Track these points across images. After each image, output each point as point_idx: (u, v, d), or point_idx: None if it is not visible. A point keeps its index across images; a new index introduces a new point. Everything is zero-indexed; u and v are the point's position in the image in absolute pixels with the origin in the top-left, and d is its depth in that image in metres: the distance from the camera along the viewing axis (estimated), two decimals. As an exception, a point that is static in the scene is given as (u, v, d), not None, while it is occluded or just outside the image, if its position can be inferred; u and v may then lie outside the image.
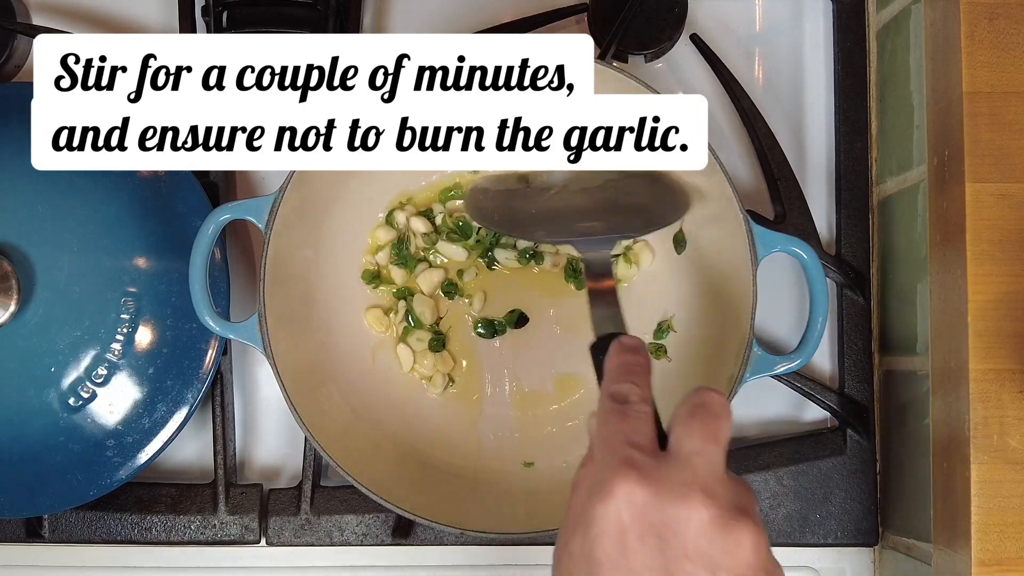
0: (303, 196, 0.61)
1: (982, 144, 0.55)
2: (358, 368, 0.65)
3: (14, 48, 0.68)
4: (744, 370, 0.58)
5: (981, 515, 0.53)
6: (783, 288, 0.68)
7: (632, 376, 0.44)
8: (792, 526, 0.65)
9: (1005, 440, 0.53)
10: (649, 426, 0.43)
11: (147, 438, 0.62)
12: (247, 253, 0.69)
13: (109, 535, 0.65)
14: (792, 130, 0.69)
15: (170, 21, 0.68)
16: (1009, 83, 0.55)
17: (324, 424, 0.60)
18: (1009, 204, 0.54)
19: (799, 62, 0.70)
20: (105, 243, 0.62)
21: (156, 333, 0.62)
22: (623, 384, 0.44)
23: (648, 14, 0.67)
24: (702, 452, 0.41)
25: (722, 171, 0.59)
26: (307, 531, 0.65)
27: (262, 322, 0.58)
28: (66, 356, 0.61)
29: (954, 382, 0.55)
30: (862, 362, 0.66)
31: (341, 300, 0.65)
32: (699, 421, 0.42)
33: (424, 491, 0.61)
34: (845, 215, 0.67)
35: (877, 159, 0.68)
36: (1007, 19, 0.55)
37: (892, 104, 0.66)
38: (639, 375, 0.45)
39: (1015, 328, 0.54)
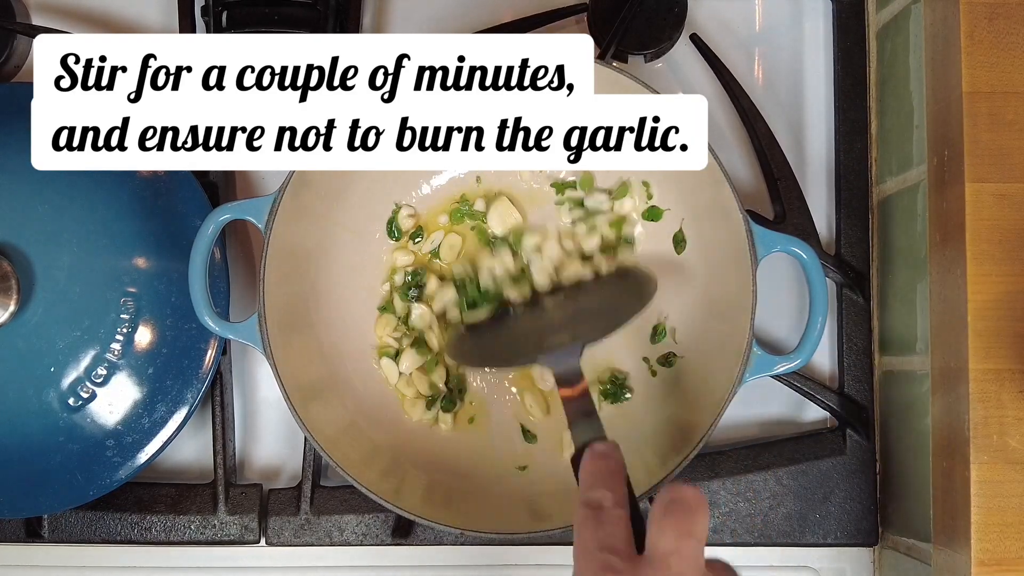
0: (303, 196, 0.60)
1: (982, 144, 0.55)
2: (358, 368, 0.65)
3: (14, 48, 0.68)
4: (744, 370, 0.58)
5: (981, 515, 0.53)
6: (783, 288, 0.68)
7: (605, 482, 0.45)
8: (792, 526, 0.65)
9: (1005, 440, 0.53)
10: (624, 530, 0.43)
11: (147, 438, 0.62)
12: (247, 253, 0.69)
13: (109, 535, 0.65)
14: (792, 130, 0.69)
15: (170, 21, 0.68)
16: (1009, 83, 0.55)
17: (324, 424, 0.60)
18: (1009, 204, 0.54)
19: (799, 62, 0.70)
20: (105, 243, 0.62)
21: (156, 333, 0.62)
22: (596, 491, 0.44)
23: (648, 14, 0.67)
24: (677, 551, 0.41)
25: (722, 171, 0.59)
26: (307, 531, 0.65)
27: (262, 322, 0.58)
28: (66, 356, 0.61)
29: (954, 382, 0.55)
30: (862, 362, 0.66)
31: (342, 300, 0.65)
32: (673, 518, 0.42)
33: (424, 491, 0.61)
34: (845, 215, 0.67)
35: (877, 159, 0.68)
36: (1007, 19, 0.55)
37: (892, 104, 0.66)
38: (612, 479, 0.45)
39: (1015, 328, 0.54)
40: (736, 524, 0.65)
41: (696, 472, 0.64)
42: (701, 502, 0.43)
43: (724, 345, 0.60)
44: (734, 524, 0.65)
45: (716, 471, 0.65)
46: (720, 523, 0.65)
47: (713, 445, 0.65)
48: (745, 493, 0.65)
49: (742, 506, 0.65)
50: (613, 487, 0.44)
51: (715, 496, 0.65)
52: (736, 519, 0.65)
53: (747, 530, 0.65)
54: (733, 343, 0.59)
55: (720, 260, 0.62)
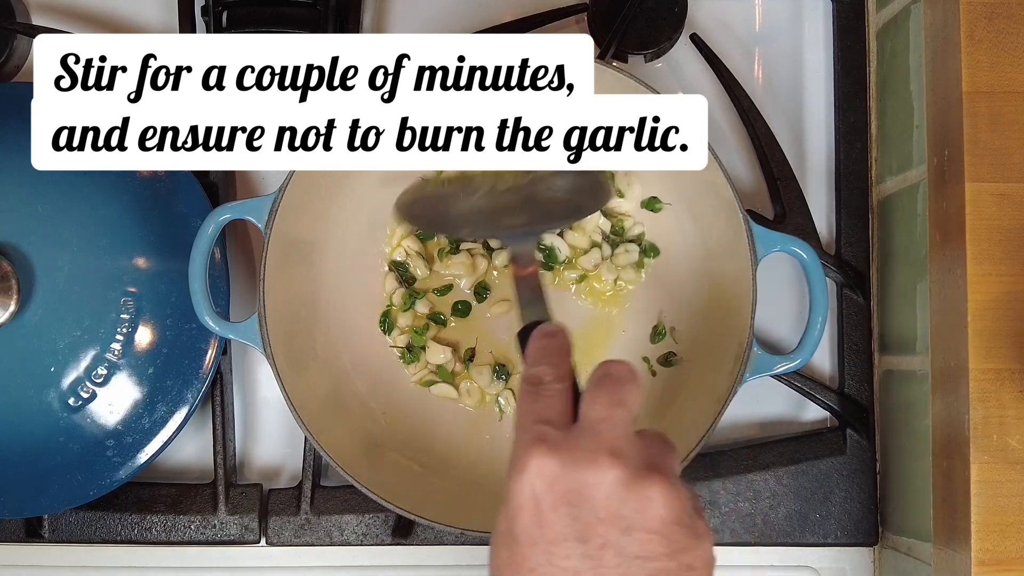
0: (303, 196, 0.61)
1: (981, 144, 0.55)
2: (359, 368, 0.65)
3: (14, 48, 0.68)
4: (744, 370, 0.58)
5: (981, 515, 0.53)
6: (783, 288, 0.68)
7: (548, 358, 0.45)
8: (792, 526, 0.65)
9: (1005, 440, 0.53)
10: (561, 402, 0.44)
11: (147, 438, 0.62)
12: (247, 253, 0.69)
13: (109, 535, 0.65)
14: (792, 130, 0.69)
15: (170, 21, 0.68)
16: (1009, 83, 0.55)
17: (324, 424, 0.60)
18: (1009, 204, 0.54)
19: (799, 62, 0.70)
20: (105, 243, 0.62)
21: (156, 333, 0.62)
22: (538, 367, 0.45)
23: (648, 14, 0.67)
24: (608, 418, 0.42)
25: (722, 171, 0.59)
26: (307, 531, 0.65)
27: (262, 322, 0.58)
28: (66, 356, 0.61)
29: (954, 382, 0.55)
30: (862, 362, 0.66)
31: (342, 300, 0.65)
32: (603, 389, 0.43)
33: (424, 491, 0.61)
34: (845, 215, 0.67)
35: (877, 159, 0.68)
36: (1007, 19, 0.55)
37: (892, 104, 0.66)
38: (556, 356, 0.45)
39: (1015, 328, 0.54)
40: (736, 524, 0.65)
41: (696, 472, 0.65)
42: (631, 375, 0.44)
43: (724, 345, 0.60)
44: (734, 524, 0.65)
45: (716, 471, 0.65)
46: (720, 523, 0.65)
47: (713, 445, 0.65)
48: (745, 493, 0.65)
49: (742, 506, 0.65)
50: (555, 363, 0.45)
51: (715, 496, 0.65)
52: (736, 519, 0.65)
53: (747, 530, 0.65)
54: (733, 343, 0.59)
55: (720, 260, 0.62)
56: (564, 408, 0.43)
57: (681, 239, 0.65)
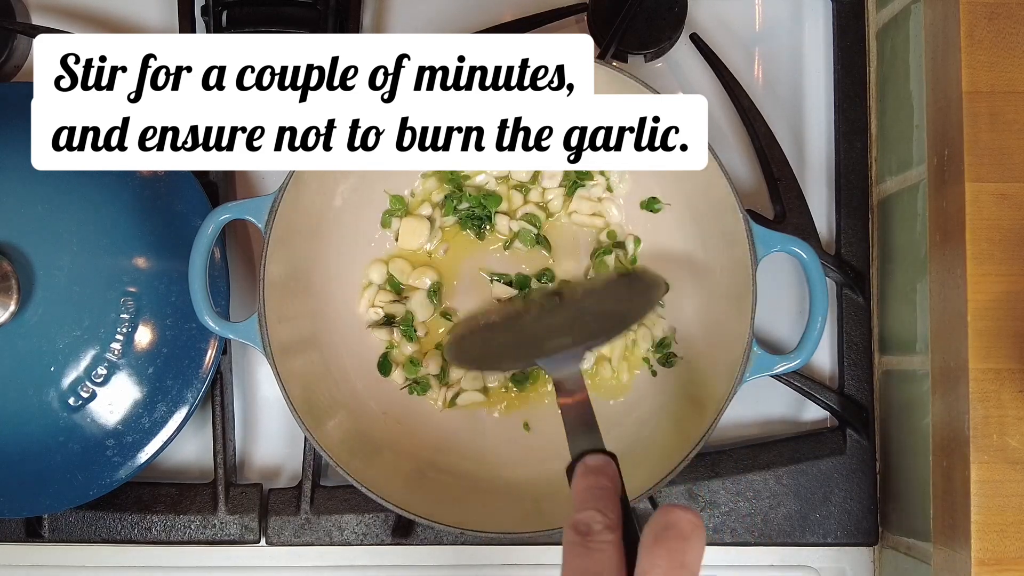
0: (303, 196, 0.61)
1: (981, 144, 0.55)
2: (359, 368, 0.65)
3: (14, 48, 0.68)
4: (744, 370, 0.58)
5: (981, 515, 0.53)
6: (783, 288, 0.68)
7: (597, 502, 0.42)
8: (792, 526, 0.65)
9: (1005, 440, 0.53)
10: (612, 557, 0.40)
11: (147, 438, 0.62)
12: (247, 253, 0.69)
13: (109, 535, 0.65)
14: (792, 130, 0.69)
15: (170, 21, 0.68)
16: (1009, 83, 0.55)
17: (324, 423, 0.60)
18: (1008, 204, 0.54)
19: (799, 62, 0.70)
20: (105, 243, 0.62)
21: (156, 333, 0.62)
22: (586, 512, 0.42)
23: (648, 14, 0.67)
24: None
25: (722, 171, 0.59)
26: (307, 531, 0.65)
27: (262, 322, 0.58)
28: (66, 356, 0.61)
29: (954, 382, 0.55)
30: (862, 362, 0.67)
31: (342, 300, 0.65)
32: (664, 547, 0.39)
33: (424, 491, 0.61)
34: (845, 215, 0.67)
35: (877, 159, 0.68)
36: (1007, 19, 0.55)
37: (892, 104, 0.66)
38: (605, 499, 0.42)
39: (1015, 328, 0.54)
40: (736, 524, 0.65)
41: (696, 472, 0.65)
42: (696, 528, 0.40)
43: (724, 345, 0.60)
44: (734, 524, 0.65)
45: (716, 471, 0.65)
46: (720, 523, 0.65)
47: (713, 445, 0.66)
48: (745, 493, 0.65)
49: (742, 506, 0.65)
50: (605, 507, 0.42)
51: (715, 496, 0.65)
52: (736, 519, 0.65)
53: (747, 530, 0.65)
54: (733, 343, 0.59)
55: (720, 260, 0.62)
56: (615, 564, 0.40)
57: (681, 239, 0.65)
